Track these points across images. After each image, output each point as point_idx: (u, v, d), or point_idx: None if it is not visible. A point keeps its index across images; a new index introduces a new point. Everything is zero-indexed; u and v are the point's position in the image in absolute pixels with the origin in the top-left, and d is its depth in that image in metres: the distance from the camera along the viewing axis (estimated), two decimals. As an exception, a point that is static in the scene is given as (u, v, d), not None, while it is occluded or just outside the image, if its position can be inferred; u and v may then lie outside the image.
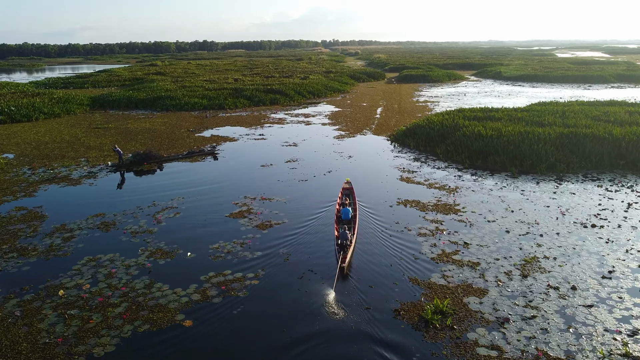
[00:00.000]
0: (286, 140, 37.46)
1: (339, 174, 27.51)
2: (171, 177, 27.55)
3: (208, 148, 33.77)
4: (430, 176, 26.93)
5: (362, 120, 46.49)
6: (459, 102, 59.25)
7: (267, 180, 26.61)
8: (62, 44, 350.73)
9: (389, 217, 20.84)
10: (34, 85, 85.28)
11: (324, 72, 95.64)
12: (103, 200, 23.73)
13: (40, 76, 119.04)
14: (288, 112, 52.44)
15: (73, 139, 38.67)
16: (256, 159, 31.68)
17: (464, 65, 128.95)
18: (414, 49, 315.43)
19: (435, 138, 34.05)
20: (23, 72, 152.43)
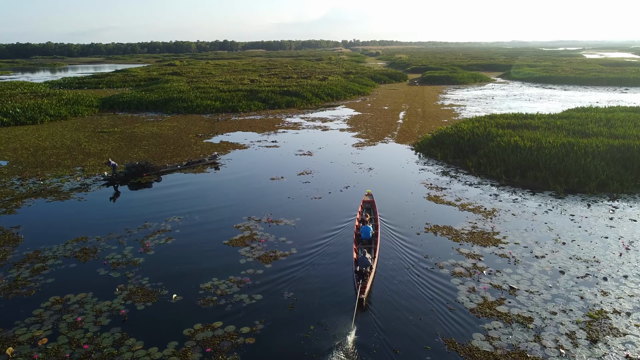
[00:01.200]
0: (300, 148, 34.38)
1: (358, 190, 24.32)
2: (168, 192, 24.65)
3: (208, 158, 30.77)
4: (462, 195, 23.55)
5: (383, 125, 43.17)
6: (487, 106, 55.47)
7: (276, 197, 23.55)
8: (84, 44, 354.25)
9: (416, 248, 17.57)
10: (49, 85, 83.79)
11: (344, 73, 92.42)
12: (89, 219, 20.92)
13: (58, 76, 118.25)
14: (304, 116, 49.38)
15: (74, 144, 36.19)
16: (266, 170, 28.65)
17: (489, 66, 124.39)
18: (435, 50, 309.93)
19: (466, 149, 30.59)
20: (44, 71, 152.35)
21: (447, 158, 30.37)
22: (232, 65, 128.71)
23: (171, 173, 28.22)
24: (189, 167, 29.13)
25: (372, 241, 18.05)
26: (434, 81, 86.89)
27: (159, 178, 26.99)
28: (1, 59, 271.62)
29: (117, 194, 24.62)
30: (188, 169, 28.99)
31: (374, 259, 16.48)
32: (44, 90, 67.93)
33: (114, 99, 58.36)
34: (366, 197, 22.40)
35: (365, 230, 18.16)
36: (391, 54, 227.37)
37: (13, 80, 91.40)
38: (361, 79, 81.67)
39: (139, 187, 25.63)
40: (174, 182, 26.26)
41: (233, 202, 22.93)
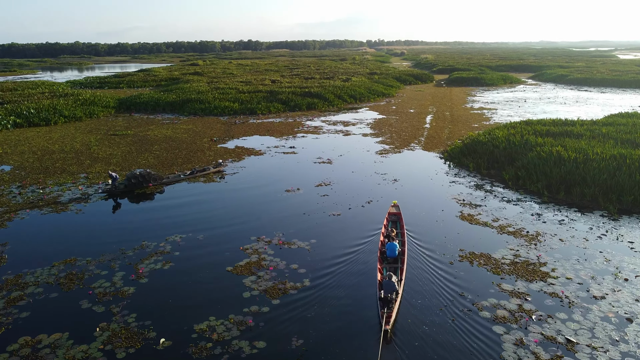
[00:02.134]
0: (320, 155, 31.99)
1: (381, 206, 21.83)
2: (172, 206, 22.46)
3: (213, 165, 28.58)
4: (500, 214, 20.83)
5: (409, 130, 40.49)
6: (519, 109, 52.22)
7: (290, 213, 21.21)
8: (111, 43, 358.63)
9: (450, 282, 15.01)
10: (70, 85, 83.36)
11: (368, 73, 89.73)
12: (82, 237, 18.92)
13: (82, 75, 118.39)
14: (325, 119, 46.99)
15: (83, 148, 34.51)
16: (281, 180, 26.35)
17: (519, 67, 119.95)
18: (462, 50, 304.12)
19: (501, 159, 27.77)
20: (70, 70, 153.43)
21: (480, 169, 27.61)
22: (255, 65, 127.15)
23: (176, 183, 26.11)
24: (193, 176, 26.91)
25: (398, 260, 16.30)
26: (461, 82, 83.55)
27: (162, 190, 24.85)
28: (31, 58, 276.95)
29: (116, 207, 22.52)
30: (194, 178, 26.85)
31: (400, 281, 14.61)
32: (63, 90, 67.09)
33: (131, 100, 56.93)
34: (392, 208, 20.55)
35: (390, 248, 16.37)
36: (416, 54, 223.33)
37: (36, 80, 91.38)
38: (386, 79, 78.91)
39: (140, 200, 23.53)
40: (178, 195, 24.09)
41: (242, 218, 20.66)
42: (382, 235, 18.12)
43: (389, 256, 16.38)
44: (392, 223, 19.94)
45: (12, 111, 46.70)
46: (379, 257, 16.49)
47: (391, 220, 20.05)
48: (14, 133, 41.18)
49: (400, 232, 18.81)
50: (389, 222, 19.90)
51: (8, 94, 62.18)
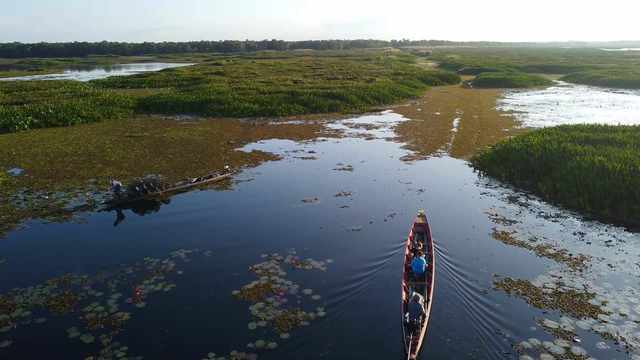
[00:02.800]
0: (340, 161, 30.26)
1: (406, 219, 20.01)
2: (179, 217, 20.96)
3: (220, 172, 27.04)
4: (538, 232, 18.80)
5: (436, 135, 38.44)
6: (552, 113, 49.58)
7: (305, 227, 19.55)
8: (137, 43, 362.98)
9: (484, 312, 13.15)
10: (93, 84, 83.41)
11: (392, 74, 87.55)
12: (81, 250, 17.59)
13: (106, 74, 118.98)
14: (347, 122, 45.22)
15: (96, 151, 33.48)
16: (298, 188, 24.71)
17: (549, 67, 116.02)
18: (488, 50, 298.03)
19: (537, 168, 25.62)
20: (96, 69, 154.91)
21: (513, 179, 25.51)
22: (278, 65, 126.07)
23: (184, 192, 24.68)
24: (199, 183, 25.30)
25: (425, 277, 14.91)
26: (489, 84, 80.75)
27: (168, 199, 23.30)
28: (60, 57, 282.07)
29: (120, 219, 21.08)
30: (204, 185, 25.39)
31: (427, 302, 13.21)
32: (85, 89, 66.81)
33: (150, 100, 56.07)
34: (419, 218, 19.24)
35: (417, 263, 15.08)
36: (442, 54, 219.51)
37: (60, 79, 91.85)
38: (411, 80, 76.68)
39: (145, 210, 22.05)
40: (186, 205, 22.54)
41: (254, 232, 19.08)
42: (407, 249, 16.73)
43: (415, 272, 15.04)
44: (419, 235, 18.56)
45: (31, 111, 46.18)
46: (404, 274, 15.14)
47: (417, 232, 18.68)
48: (30, 134, 40.51)
49: (427, 245, 17.39)
50: (415, 234, 18.54)
51: (30, 93, 62.14)
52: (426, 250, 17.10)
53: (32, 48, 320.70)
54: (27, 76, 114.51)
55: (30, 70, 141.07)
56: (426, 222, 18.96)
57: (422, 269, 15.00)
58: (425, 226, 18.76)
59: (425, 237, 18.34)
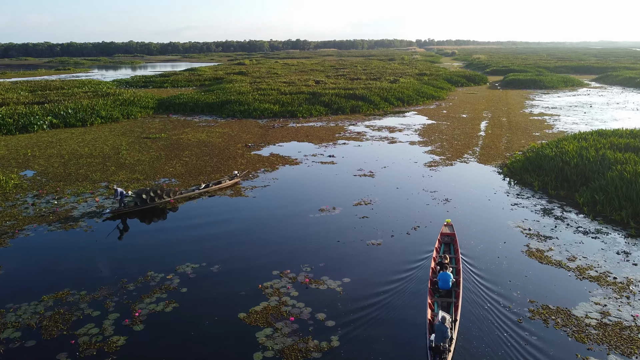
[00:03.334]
0: (361, 166, 28.84)
1: (430, 233, 18.53)
2: (187, 228, 19.77)
3: (228, 177, 25.71)
4: (576, 250, 17.10)
5: (462, 139, 36.68)
6: (585, 116, 47.23)
7: (321, 240, 18.23)
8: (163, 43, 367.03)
9: (519, 346, 11.61)
10: (116, 84, 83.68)
11: (417, 74, 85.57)
12: (82, 263, 16.59)
13: (132, 73, 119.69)
14: (370, 124, 43.73)
15: (112, 153, 32.75)
16: (316, 196, 23.40)
17: (580, 68, 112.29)
18: (516, 50, 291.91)
19: (572, 178, 23.77)
20: (122, 69, 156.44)
21: (547, 189, 23.71)
22: (301, 65, 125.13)
23: (195, 199, 23.59)
24: (207, 189, 24.04)
25: (452, 293, 13.95)
26: (518, 85, 78.13)
27: (176, 208, 22.19)
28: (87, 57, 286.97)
29: (125, 229, 19.95)
30: (214, 192, 24.26)
31: (454, 322, 11.98)
32: (107, 89, 66.74)
33: (170, 101, 55.49)
34: (445, 228, 18.10)
35: (443, 278, 13.96)
36: (468, 54, 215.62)
37: (84, 79, 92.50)
38: (436, 81, 74.66)
39: (151, 219, 20.89)
40: (196, 214, 21.32)
41: (266, 245, 17.83)
42: (433, 261, 15.57)
43: (441, 288, 13.92)
44: (445, 245, 17.32)
45: (50, 111, 45.93)
46: (429, 289, 13.97)
47: (444, 242, 17.45)
48: (48, 134, 40.14)
49: (454, 258, 16.13)
50: (441, 245, 17.29)
51: (53, 93, 62.30)
52: (453, 263, 15.87)
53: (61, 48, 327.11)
54: (53, 75, 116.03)
55: (57, 70, 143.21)
56: (453, 232, 17.72)
57: (449, 284, 13.81)
58: (452, 236, 17.52)
59: (452, 248, 17.12)
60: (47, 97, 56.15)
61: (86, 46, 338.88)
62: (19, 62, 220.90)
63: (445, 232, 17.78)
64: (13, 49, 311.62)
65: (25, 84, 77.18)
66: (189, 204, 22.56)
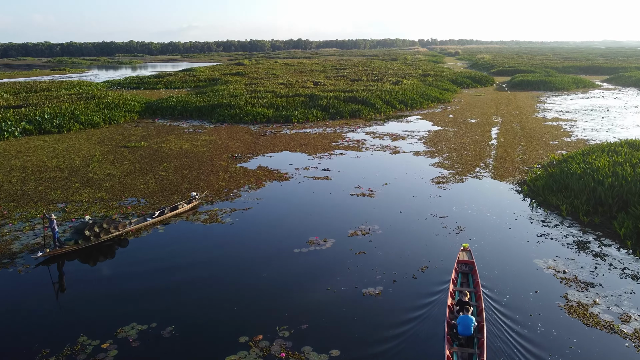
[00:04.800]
0: (359, 182, 25.28)
1: (442, 277, 14.99)
2: (140, 271, 15.99)
3: (186, 202, 21.62)
4: (629, 305, 13.48)
5: (472, 148, 33.07)
6: (604, 121, 43.57)
7: (306, 287, 14.70)
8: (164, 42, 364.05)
9: None
10: (107, 85, 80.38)
11: (421, 75, 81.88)
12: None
13: (125, 74, 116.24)
14: (370, 130, 40.15)
15: (81, 165, 29.28)
16: (304, 223, 19.86)
17: (589, 68, 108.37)
18: (520, 50, 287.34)
19: (607, 201, 20.15)
20: (119, 69, 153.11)
21: (577, 214, 20.10)
22: (301, 65, 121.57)
23: (158, 226, 20.05)
24: (162, 218, 20.07)
25: (474, 340, 11.50)
26: (526, 86, 74.40)
27: (123, 242, 18.31)
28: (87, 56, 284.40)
29: (61, 276, 16.09)
30: (179, 216, 20.67)
31: None
32: (93, 91, 63.32)
33: (158, 104, 51.98)
34: (462, 254, 15.85)
35: (464, 323, 11.60)
36: (472, 54, 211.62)
37: (75, 80, 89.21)
38: (440, 82, 70.98)
39: (96, 260, 17.04)
40: (155, 251, 17.60)
41: (236, 297, 14.26)
42: (450, 296, 13.05)
43: (461, 334, 11.61)
44: (462, 275, 14.78)
45: (25, 116, 42.50)
46: (446, 335, 11.61)
47: (461, 272, 14.89)
48: (18, 142, 36.69)
49: (474, 293, 13.53)
50: (459, 274, 14.75)
51: (36, 95, 58.96)
52: (474, 298, 13.28)
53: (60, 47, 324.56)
54: (47, 76, 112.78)
55: (52, 70, 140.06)
56: (472, 260, 15.22)
57: (471, 330, 11.35)
58: (471, 265, 15.15)
59: (472, 279, 14.52)
60: (27, 100, 52.75)
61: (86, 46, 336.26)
62: (17, 62, 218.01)
63: (462, 260, 15.24)
64: (12, 49, 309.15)
65: (12, 85, 73.83)
66: (145, 237, 18.95)
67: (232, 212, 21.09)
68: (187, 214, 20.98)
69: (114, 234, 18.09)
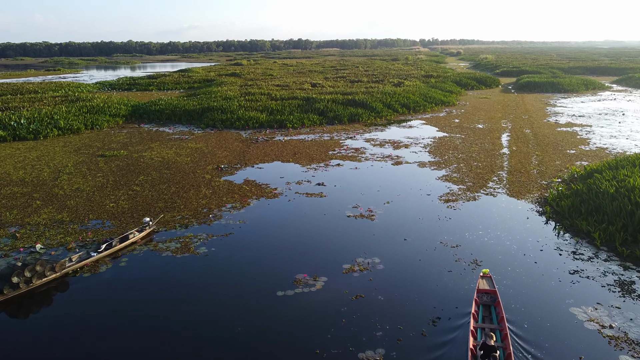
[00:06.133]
0: (357, 200, 22.28)
1: (458, 330, 11.96)
2: (80, 327, 13.23)
3: (138, 230, 18.21)
4: (702, 378, 10.50)
5: (483, 158, 30.07)
6: (622, 127, 40.55)
7: (287, 348, 11.70)
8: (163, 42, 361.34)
9: None
10: (99, 87, 77.44)
11: (423, 76, 78.84)
12: None
13: (120, 74, 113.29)
14: (370, 137, 37.16)
15: (49, 178, 26.34)
16: (291, 255, 16.86)
17: (595, 69, 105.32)
18: (522, 49, 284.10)
19: (650, 228, 17.13)
20: (115, 69, 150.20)
21: (613, 242, 17.10)
22: (300, 66, 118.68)
23: (114, 258, 17.05)
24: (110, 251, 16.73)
25: None
26: (533, 88, 71.33)
27: (62, 285, 15.18)
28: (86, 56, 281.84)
29: None
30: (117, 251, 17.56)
31: None
32: (80, 93, 60.37)
33: (145, 107, 48.95)
34: (482, 281, 13.90)
35: None
36: (474, 54, 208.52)
37: (67, 81, 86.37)
38: (444, 84, 67.94)
39: (27, 314, 14.23)
40: (105, 295, 14.61)
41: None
42: (471, 336, 11.14)
43: None
44: (484, 308, 13.07)
45: (0, 121, 39.53)
46: None
47: (482, 303, 13.19)
48: (-12, 150, 33.72)
49: (499, 331, 11.77)
50: (479, 307, 13.06)
51: (19, 98, 55.97)
52: (499, 338, 11.23)
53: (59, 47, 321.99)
54: (40, 77, 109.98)
55: (47, 70, 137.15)
56: (494, 289, 13.46)
57: None
58: (493, 295, 13.27)
59: (495, 312, 12.49)
60: (8, 104, 49.81)
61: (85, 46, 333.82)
62: (15, 62, 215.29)
63: (483, 289, 13.48)
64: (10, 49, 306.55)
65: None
66: (91, 278, 15.89)
67: (209, 240, 18.10)
68: (144, 240, 17.97)
69: (50, 277, 14.93)
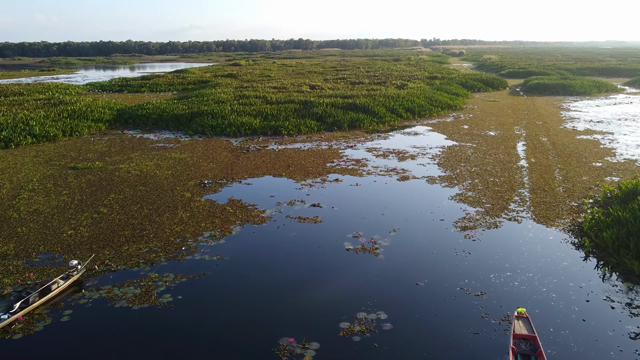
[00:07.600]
0: (358, 227, 18.98)
1: None
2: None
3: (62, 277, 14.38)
4: None
5: (499, 172, 26.74)
6: (647, 134, 37.20)
7: None
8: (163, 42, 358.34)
9: None
10: (89, 88, 74.34)
11: (427, 77, 75.54)
12: None
13: (118, 75, 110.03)
14: (373, 146, 33.85)
15: (7, 197, 23.08)
16: (276, 307, 13.55)
17: (605, 70, 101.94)
18: (524, 50, 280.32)
19: None
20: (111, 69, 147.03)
21: (676, 290, 13.80)
22: (299, 66, 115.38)
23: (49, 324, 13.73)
24: (25, 310, 12.84)
25: None
26: (543, 90, 68.01)
27: None
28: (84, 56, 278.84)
29: None
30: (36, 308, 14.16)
31: None
32: (65, 96, 57.11)
33: (131, 112, 45.65)
34: (518, 324, 11.47)
35: None
36: (477, 54, 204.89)
37: (60, 82, 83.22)
38: (449, 86, 64.63)
39: None
40: None
41: None
42: None
43: None
44: (522, 358, 10.55)
45: (-31, 128, 36.30)
46: None
47: (520, 353, 10.65)
48: (-50, 161, 30.45)
49: None
50: (516, 357, 10.55)
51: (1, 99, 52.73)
52: None
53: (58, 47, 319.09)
54: (33, 77, 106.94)
55: (42, 71, 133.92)
56: (534, 334, 11.01)
57: None
58: (533, 342, 10.83)
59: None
60: (-14, 107, 46.57)
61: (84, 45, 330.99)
62: (12, 62, 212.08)
63: (519, 334, 11.06)
64: (9, 49, 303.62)
65: (-18, 88, 67.61)
66: (25, 339, 12.66)
67: (177, 282, 14.80)
68: (70, 290, 14.66)
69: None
